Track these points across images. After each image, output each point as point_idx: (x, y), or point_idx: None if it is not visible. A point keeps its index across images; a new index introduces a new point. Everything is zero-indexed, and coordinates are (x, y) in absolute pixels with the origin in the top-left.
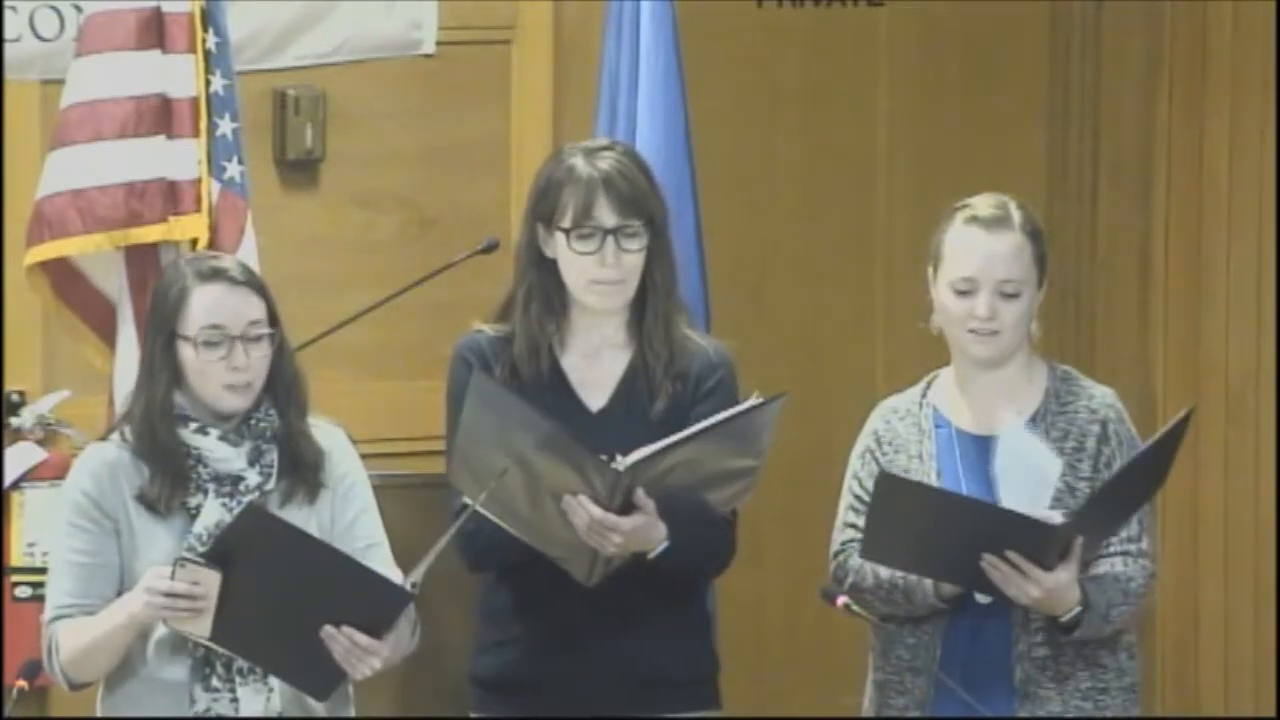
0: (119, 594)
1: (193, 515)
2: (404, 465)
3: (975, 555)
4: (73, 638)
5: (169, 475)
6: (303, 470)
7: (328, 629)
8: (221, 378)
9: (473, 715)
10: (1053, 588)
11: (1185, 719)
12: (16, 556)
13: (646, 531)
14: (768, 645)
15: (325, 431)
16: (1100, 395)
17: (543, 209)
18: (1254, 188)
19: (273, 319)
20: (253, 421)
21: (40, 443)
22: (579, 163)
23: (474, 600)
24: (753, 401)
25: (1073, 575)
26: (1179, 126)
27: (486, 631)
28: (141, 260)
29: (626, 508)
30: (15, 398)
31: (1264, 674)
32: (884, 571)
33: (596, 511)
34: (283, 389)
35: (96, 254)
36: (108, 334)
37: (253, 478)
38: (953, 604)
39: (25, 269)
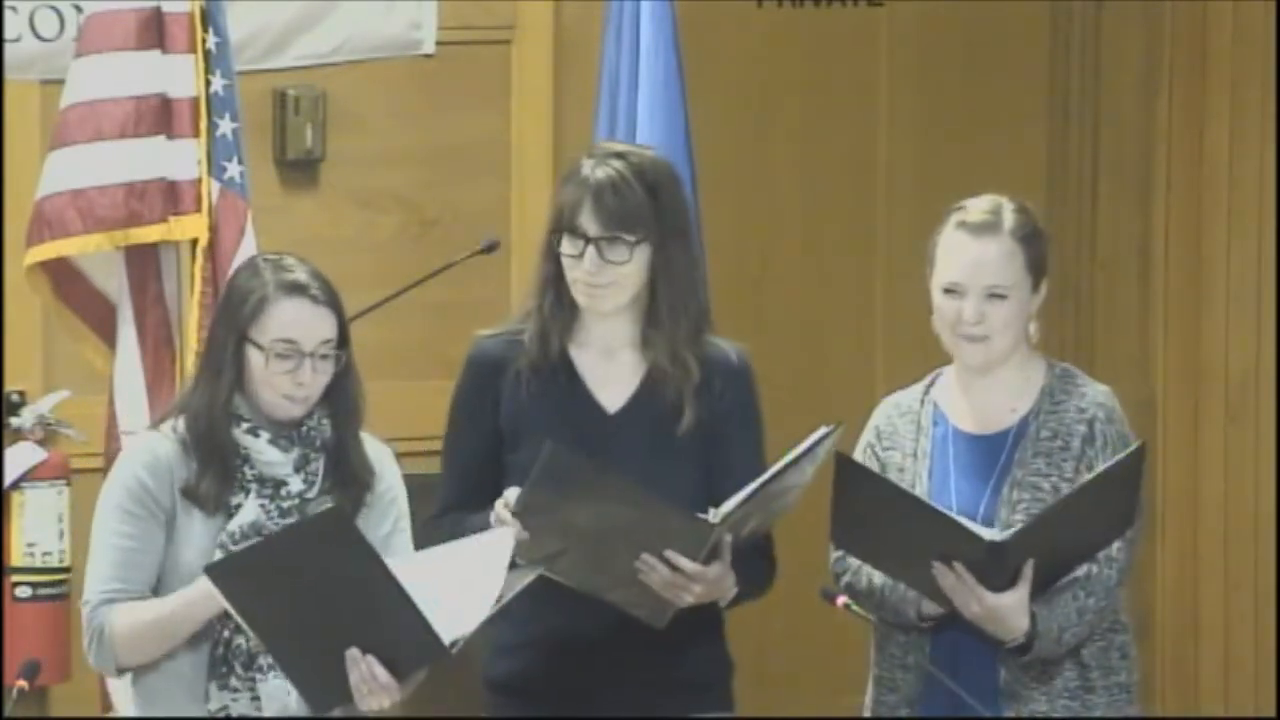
0: (158, 583)
1: (231, 514)
2: (404, 465)
3: (926, 559)
4: (133, 615)
5: (217, 472)
6: (351, 486)
7: (353, 652)
8: (283, 388)
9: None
10: (994, 607)
11: (1185, 719)
12: (16, 556)
13: (722, 579)
14: (769, 645)
15: (371, 446)
16: (1093, 394)
17: (554, 204)
18: (1254, 188)
19: (342, 338)
20: (304, 429)
21: (40, 443)
22: (586, 165)
23: None
24: (823, 432)
25: (1019, 600)
26: (1179, 126)
27: (502, 634)
28: (141, 260)
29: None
30: (15, 398)
31: (1264, 674)
32: (877, 578)
33: (687, 564)
34: (342, 409)
35: (96, 254)
36: (108, 334)
37: (296, 484)
38: (936, 623)
39: (25, 269)
